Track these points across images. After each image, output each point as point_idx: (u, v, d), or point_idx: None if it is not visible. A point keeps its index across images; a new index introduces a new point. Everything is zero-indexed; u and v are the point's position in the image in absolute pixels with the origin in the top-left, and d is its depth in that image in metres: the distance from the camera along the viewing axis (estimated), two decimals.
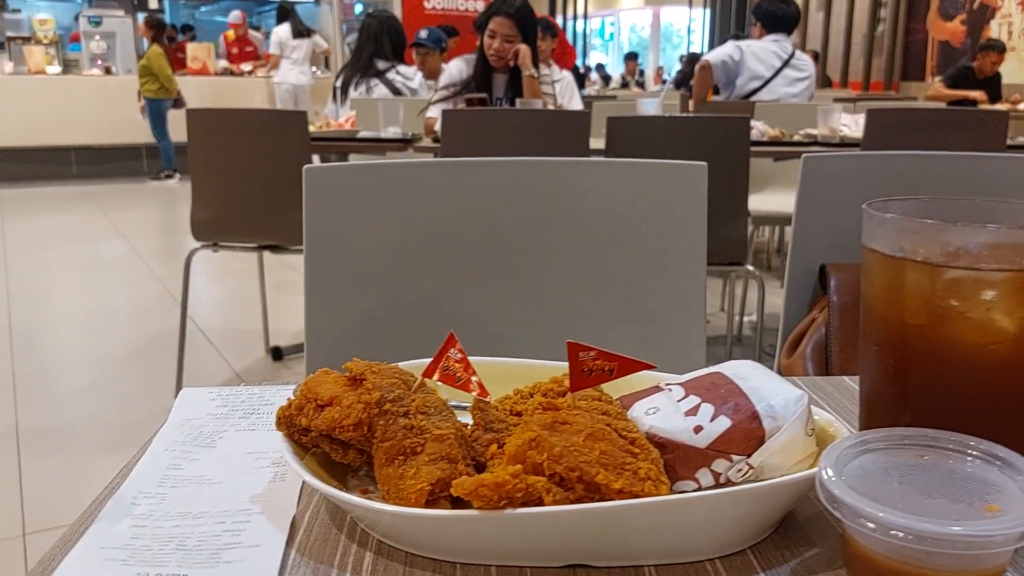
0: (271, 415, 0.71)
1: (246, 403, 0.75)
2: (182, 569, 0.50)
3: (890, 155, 1.41)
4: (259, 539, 0.54)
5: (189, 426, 0.71)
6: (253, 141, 2.90)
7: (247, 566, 0.51)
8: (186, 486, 0.61)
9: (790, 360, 1.35)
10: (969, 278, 0.50)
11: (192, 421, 0.71)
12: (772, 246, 5.38)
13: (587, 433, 0.53)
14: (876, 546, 0.46)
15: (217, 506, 0.58)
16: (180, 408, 0.74)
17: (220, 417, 0.72)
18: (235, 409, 0.74)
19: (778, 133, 3.41)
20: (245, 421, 0.72)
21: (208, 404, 0.74)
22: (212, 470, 0.63)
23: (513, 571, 0.52)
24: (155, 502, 0.59)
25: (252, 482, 0.62)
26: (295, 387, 0.76)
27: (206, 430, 0.70)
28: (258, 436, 0.69)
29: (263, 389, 0.77)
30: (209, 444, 0.68)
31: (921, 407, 0.53)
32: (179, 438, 0.68)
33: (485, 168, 1.17)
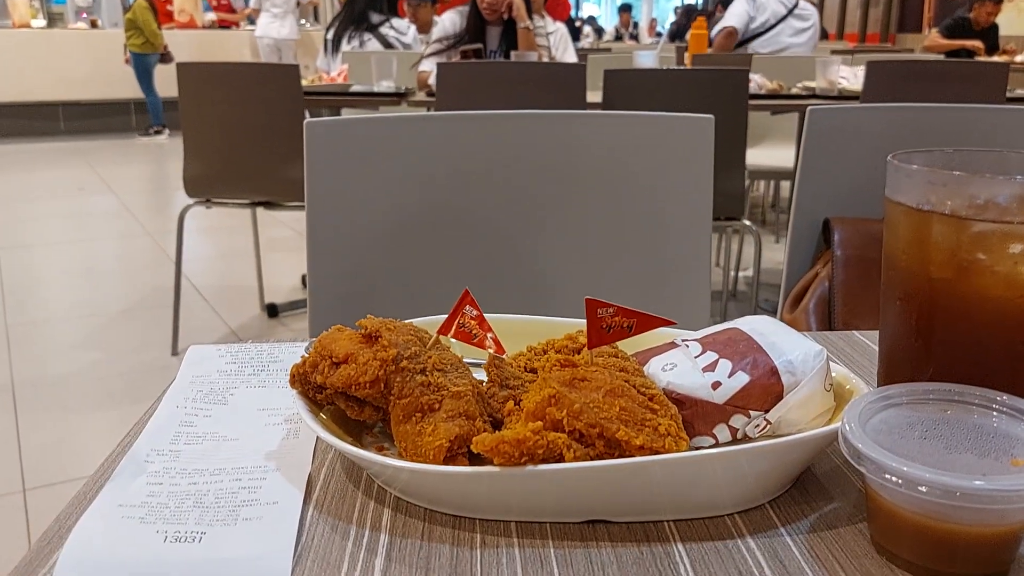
0: (281, 372, 0.71)
1: (255, 360, 0.74)
2: (201, 527, 0.50)
3: (896, 107, 1.39)
4: (277, 496, 0.54)
5: (200, 383, 0.70)
6: (245, 95, 2.86)
7: (266, 523, 0.51)
8: (200, 443, 0.61)
9: (793, 315, 1.35)
10: (997, 231, 0.49)
11: (202, 378, 0.71)
12: (767, 200, 5.36)
13: (606, 390, 0.53)
14: (901, 501, 0.46)
15: (233, 463, 0.58)
16: (189, 365, 0.73)
17: (230, 374, 0.71)
18: (245, 366, 0.73)
19: (776, 86, 3.37)
20: (255, 378, 0.71)
21: (218, 361, 0.74)
22: (226, 427, 0.63)
23: (533, 527, 0.51)
24: (169, 459, 0.58)
25: (266, 439, 0.61)
26: (306, 344, 0.76)
27: (217, 386, 0.69)
28: (269, 393, 0.68)
29: (272, 346, 0.76)
30: (221, 401, 0.67)
31: (944, 362, 0.52)
32: (190, 395, 0.68)
33: (490, 121, 1.15)
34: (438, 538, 0.50)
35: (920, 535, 0.46)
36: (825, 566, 0.48)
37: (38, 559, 0.48)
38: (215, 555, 0.48)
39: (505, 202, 1.17)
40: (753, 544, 0.50)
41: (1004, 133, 1.37)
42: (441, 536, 0.50)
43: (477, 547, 0.49)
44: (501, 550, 0.49)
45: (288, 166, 2.87)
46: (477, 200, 1.17)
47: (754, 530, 0.51)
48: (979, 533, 0.45)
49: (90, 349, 3.11)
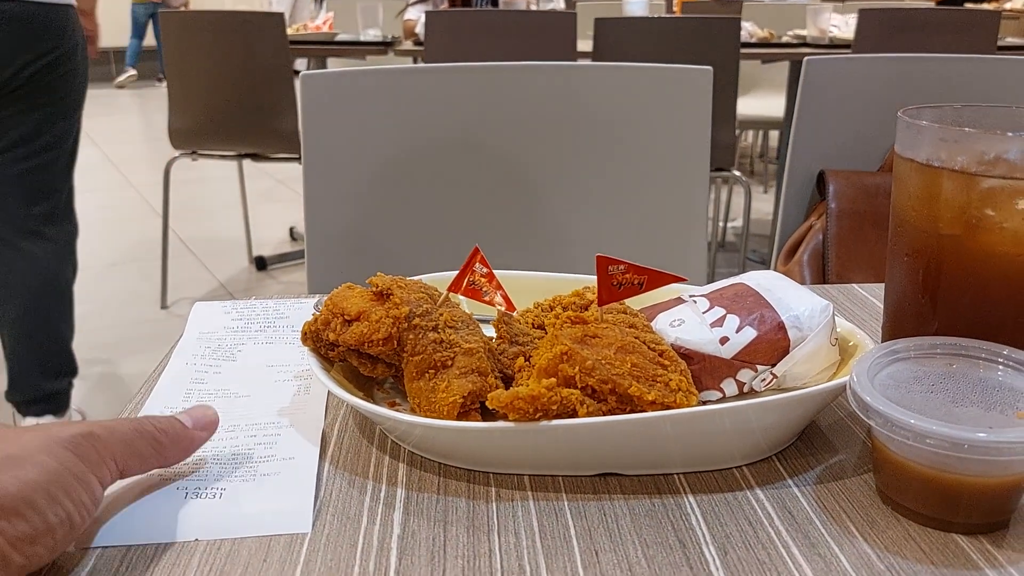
0: (288, 328, 0.71)
1: (261, 316, 0.74)
2: (221, 483, 0.51)
3: (892, 58, 1.39)
4: (293, 451, 0.54)
5: (207, 339, 0.70)
6: (229, 45, 2.81)
7: (285, 478, 0.51)
8: (212, 400, 0.61)
9: (786, 267, 1.36)
10: (1007, 187, 0.49)
11: (209, 334, 0.71)
12: (755, 151, 5.35)
13: (617, 346, 0.53)
14: (907, 453, 0.47)
15: (247, 419, 0.58)
16: (195, 321, 0.73)
17: (237, 330, 0.72)
18: (251, 322, 0.73)
19: (767, 34, 3.35)
20: (262, 334, 0.71)
21: (223, 317, 0.74)
22: (236, 383, 0.63)
23: (546, 480, 0.52)
24: None
25: (278, 395, 0.62)
26: (315, 301, 0.76)
27: (225, 343, 0.69)
28: (277, 349, 0.69)
29: (277, 303, 0.76)
30: (229, 357, 0.67)
31: (950, 317, 0.53)
32: (198, 351, 0.68)
33: (488, 73, 1.13)
34: (454, 492, 0.51)
35: (926, 486, 0.47)
36: (832, 516, 0.49)
37: None
38: (237, 510, 0.48)
39: (502, 155, 1.17)
40: (762, 495, 0.51)
41: (999, 84, 1.37)
42: (456, 490, 0.51)
43: (492, 500, 0.50)
44: (516, 503, 0.50)
45: (275, 117, 2.84)
46: (473, 153, 1.16)
47: (762, 482, 0.52)
48: (984, 484, 0.46)
49: (79, 303, 3.09)
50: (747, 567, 0.44)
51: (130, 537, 0.46)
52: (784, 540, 0.47)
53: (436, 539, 0.47)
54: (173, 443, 0.49)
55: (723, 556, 0.45)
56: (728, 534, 0.47)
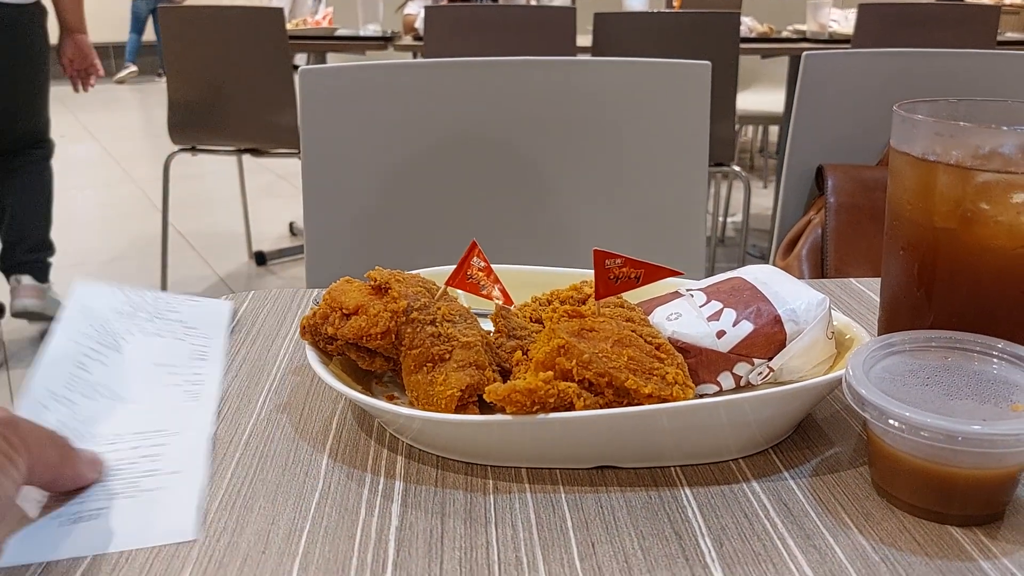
0: (179, 324, 0.70)
1: (151, 306, 0.70)
2: (100, 501, 0.48)
3: (891, 53, 1.39)
4: (178, 464, 0.52)
5: (93, 316, 0.65)
6: (228, 40, 2.81)
7: (169, 493, 0.49)
8: (96, 399, 0.58)
9: (785, 262, 1.37)
10: (1001, 181, 0.50)
11: (95, 311, 0.66)
12: (755, 145, 5.35)
13: (614, 339, 0.54)
14: (902, 445, 0.47)
15: (130, 427, 0.56)
16: (80, 297, 0.67)
17: (125, 315, 0.67)
18: (139, 309, 0.69)
19: (766, 29, 3.34)
20: (151, 325, 0.67)
21: (111, 300, 0.69)
22: (121, 383, 0.60)
23: (543, 473, 0.53)
24: (67, 409, 0.56)
25: (164, 401, 0.59)
26: (315, 295, 0.76)
27: (110, 326, 0.65)
28: (166, 345, 0.66)
29: (169, 297, 0.73)
30: (115, 346, 0.63)
31: (945, 310, 0.53)
32: (84, 330, 0.63)
33: (487, 68, 1.14)
34: (451, 484, 0.52)
35: (920, 478, 0.47)
36: (828, 508, 0.49)
37: None
38: (115, 526, 0.46)
39: (501, 150, 1.17)
40: (758, 488, 0.51)
41: (998, 78, 1.38)
42: (454, 482, 0.52)
43: (490, 492, 0.51)
44: (513, 495, 0.50)
45: (274, 112, 2.84)
46: (472, 148, 1.16)
47: (758, 474, 0.53)
48: (978, 476, 0.46)
49: None
50: (743, 558, 0.45)
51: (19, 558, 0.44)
52: (780, 532, 0.47)
53: (434, 531, 0.47)
54: (72, 465, 0.48)
55: (719, 548, 0.46)
56: (724, 526, 0.48)
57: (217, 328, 0.71)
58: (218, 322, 0.72)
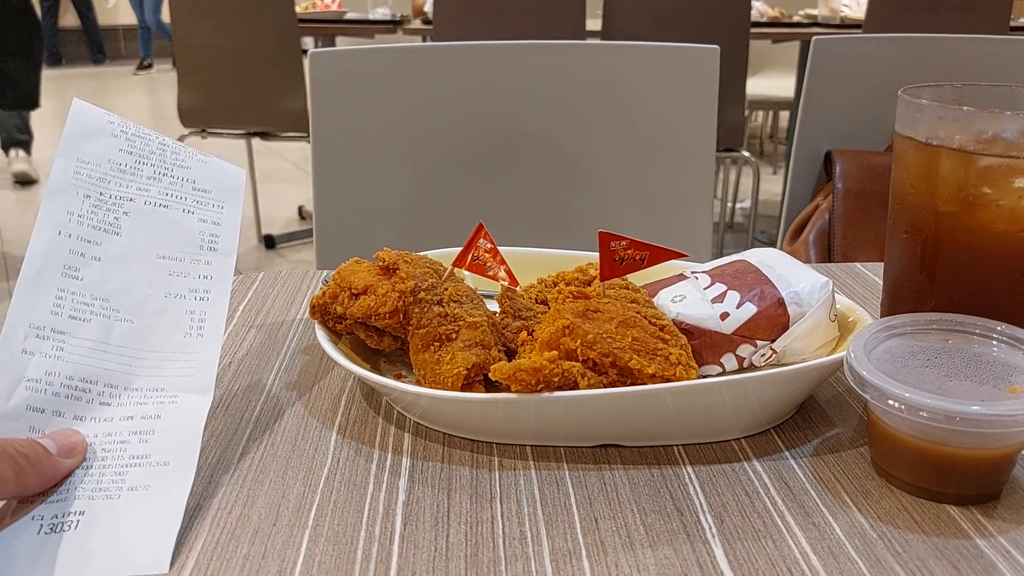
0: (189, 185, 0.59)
1: (158, 157, 0.58)
2: (81, 502, 0.45)
3: (901, 38, 1.38)
4: (168, 452, 0.48)
5: (88, 176, 0.55)
6: (238, 23, 2.81)
7: (153, 493, 0.46)
8: (88, 318, 0.51)
9: (792, 247, 1.37)
10: (1003, 166, 0.50)
11: (90, 166, 0.55)
12: (765, 131, 5.33)
13: (619, 320, 0.54)
14: (901, 425, 0.48)
15: (126, 378, 0.50)
16: (76, 136, 0.56)
17: (126, 171, 0.56)
18: (143, 161, 0.58)
19: (778, 14, 3.33)
20: (156, 186, 0.57)
21: (111, 142, 0.57)
22: (117, 287, 0.52)
23: (548, 450, 0.54)
24: (52, 350, 0.49)
25: (165, 336, 0.52)
26: (323, 275, 0.77)
27: (109, 190, 0.55)
28: (172, 222, 0.56)
29: (177, 146, 0.60)
30: (112, 226, 0.54)
31: (947, 294, 0.54)
32: (76, 205, 0.53)
33: (496, 51, 1.14)
34: (458, 461, 0.53)
35: (919, 458, 0.48)
36: (827, 487, 0.50)
37: None
38: (89, 548, 0.43)
39: (509, 133, 1.17)
40: (759, 467, 0.52)
41: (1010, 64, 1.37)
42: (460, 459, 0.53)
43: (495, 469, 0.52)
44: (518, 472, 0.51)
45: (283, 96, 2.85)
46: (480, 131, 1.17)
47: (760, 454, 0.53)
48: (975, 456, 0.47)
49: None
50: (743, 535, 0.46)
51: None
52: (779, 509, 0.48)
53: (440, 506, 0.48)
54: (34, 469, 0.44)
55: (719, 524, 0.47)
56: (725, 503, 0.49)
57: (231, 194, 0.60)
58: (233, 186, 0.61)
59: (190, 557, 0.44)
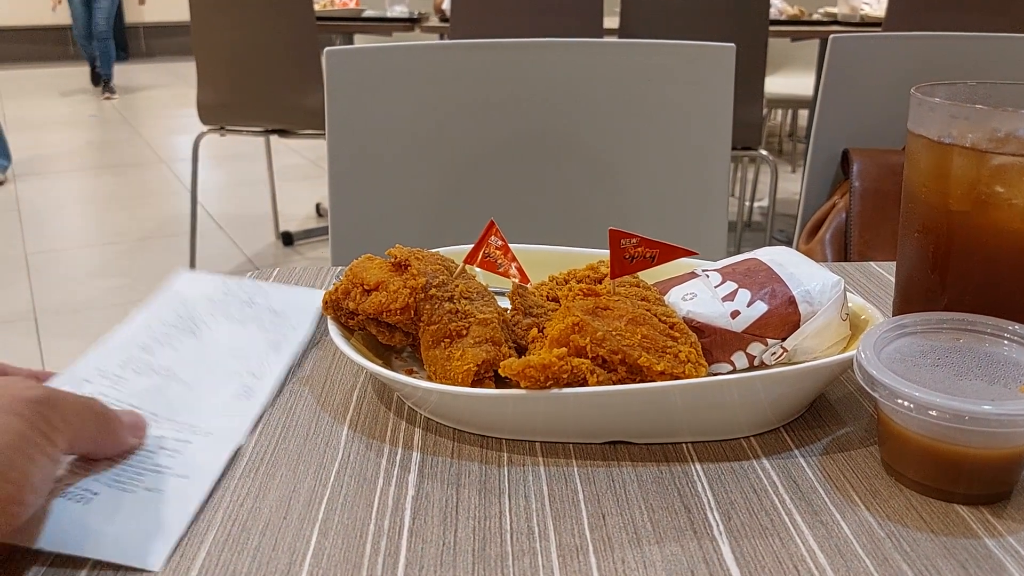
0: (267, 310, 0.68)
1: (245, 292, 0.69)
2: (98, 484, 0.46)
3: (920, 37, 1.37)
4: (191, 469, 0.50)
5: (183, 305, 0.65)
6: (256, 20, 2.83)
7: (164, 499, 0.47)
8: (149, 376, 0.56)
9: (809, 246, 1.36)
10: (1016, 164, 0.50)
11: (189, 302, 0.66)
12: (784, 129, 5.30)
13: (628, 318, 0.55)
14: (911, 425, 0.48)
15: (168, 413, 0.54)
16: (174, 285, 0.68)
17: (216, 303, 0.66)
18: (232, 296, 0.68)
19: (797, 12, 3.31)
20: (239, 312, 0.66)
21: (208, 288, 0.68)
22: (184, 365, 0.59)
23: (557, 447, 0.54)
24: (109, 384, 0.54)
25: (215, 393, 0.57)
26: (336, 271, 0.77)
27: (196, 312, 0.64)
28: (247, 333, 0.64)
29: (264, 284, 0.72)
30: (192, 331, 0.62)
31: (959, 293, 0.54)
32: (164, 315, 0.63)
33: (511, 49, 1.14)
34: (467, 456, 0.53)
35: (929, 457, 0.48)
36: (836, 485, 0.50)
37: None
38: (92, 524, 0.44)
39: (525, 131, 1.18)
40: (768, 465, 0.52)
41: None
42: (470, 455, 0.53)
43: (504, 465, 0.52)
44: (527, 468, 0.52)
45: (301, 93, 2.86)
46: (495, 129, 1.17)
47: (769, 452, 0.54)
48: (985, 456, 0.47)
49: (109, 277, 3.16)
50: (750, 532, 0.46)
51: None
52: (787, 507, 0.48)
53: (449, 501, 0.49)
54: (110, 435, 0.47)
55: (727, 521, 0.47)
56: (732, 500, 0.49)
57: (305, 315, 0.68)
58: (307, 308, 0.69)
59: (202, 548, 0.44)
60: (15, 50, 8.58)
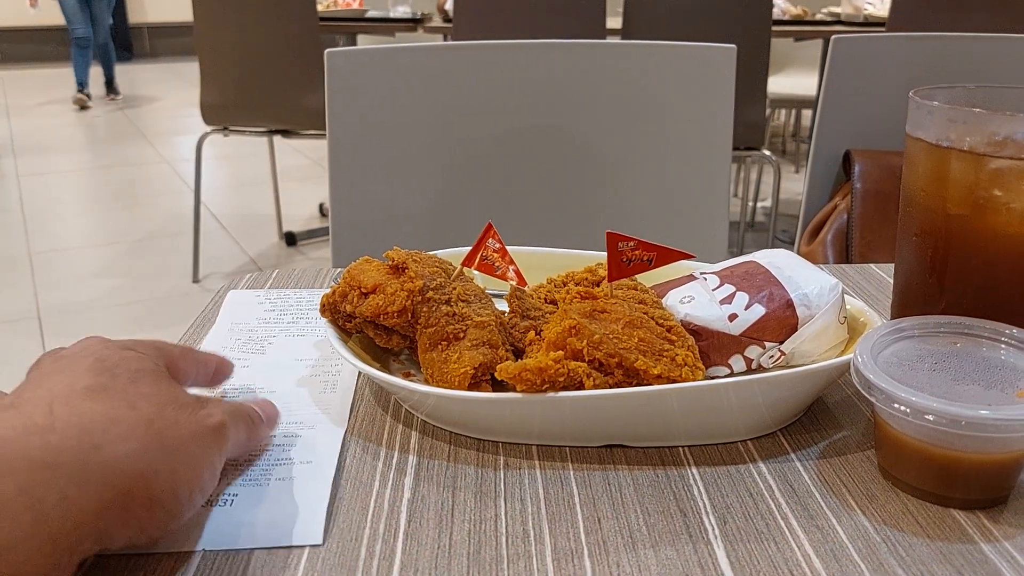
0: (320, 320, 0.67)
1: (295, 307, 0.74)
2: (233, 488, 0.49)
3: (922, 37, 1.37)
4: (310, 455, 0.53)
5: (238, 330, 0.70)
6: (259, 20, 2.83)
7: (299, 483, 0.50)
8: (236, 396, 0.60)
9: (810, 247, 1.36)
10: (1015, 168, 0.50)
11: (241, 325, 0.71)
12: (788, 130, 5.30)
13: (625, 321, 0.55)
14: (908, 429, 0.48)
15: None
16: (228, 310, 0.73)
17: (269, 322, 0.72)
18: (284, 312, 0.73)
19: (800, 11, 3.31)
20: (294, 326, 0.71)
21: (257, 308, 0.74)
22: (263, 378, 0.62)
23: (553, 450, 0.54)
24: None
25: (303, 392, 0.61)
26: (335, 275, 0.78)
27: (256, 334, 0.69)
28: (308, 342, 0.68)
29: (311, 293, 0.77)
30: (259, 350, 0.67)
31: (957, 297, 0.54)
32: (228, 343, 0.67)
33: (511, 51, 1.14)
34: (463, 459, 0.53)
35: (925, 462, 0.48)
36: (832, 489, 0.50)
37: None
38: (247, 519, 0.47)
39: (525, 132, 1.18)
40: (764, 468, 0.52)
41: None
42: (466, 458, 0.53)
43: (500, 468, 0.52)
44: (523, 471, 0.52)
45: (304, 94, 2.86)
46: (496, 131, 1.17)
47: (766, 456, 0.53)
48: (982, 460, 0.47)
49: (112, 276, 3.16)
50: (745, 536, 0.46)
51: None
52: (783, 511, 0.48)
53: (444, 503, 0.49)
54: (255, 433, 0.50)
55: (722, 525, 0.47)
56: (728, 505, 0.49)
57: None
58: None
59: (196, 553, 0.44)
60: (20, 50, 8.60)
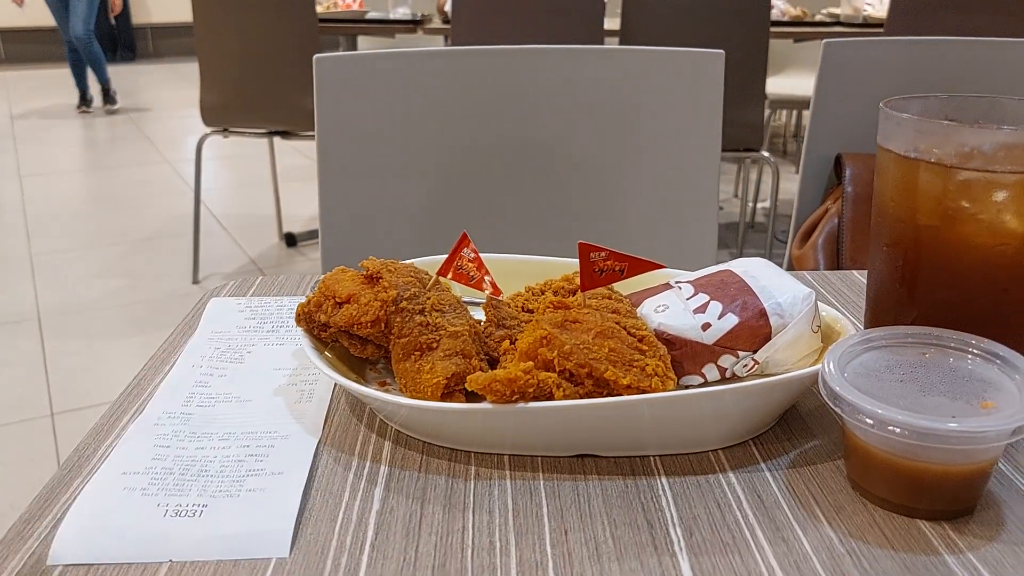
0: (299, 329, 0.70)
1: (275, 315, 0.74)
2: (203, 498, 0.49)
3: (915, 41, 1.37)
4: (282, 465, 0.53)
5: (218, 339, 0.70)
6: (259, 22, 2.83)
7: (269, 495, 0.50)
8: (212, 405, 0.60)
9: (802, 251, 1.36)
10: (982, 179, 0.50)
11: (221, 334, 0.71)
12: (788, 130, 5.29)
13: (596, 331, 0.55)
14: (874, 440, 0.48)
15: (243, 427, 0.57)
16: (209, 319, 0.73)
17: (249, 330, 0.71)
18: (264, 321, 0.73)
19: (799, 12, 3.30)
20: (274, 335, 0.71)
21: (237, 316, 0.74)
22: (240, 387, 0.63)
23: (525, 460, 0.54)
24: (180, 422, 0.58)
25: (279, 401, 0.61)
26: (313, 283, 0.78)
27: (235, 343, 0.69)
28: (287, 351, 0.68)
29: (292, 300, 0.77)
30: (237, 359, 0.67)
31: (927, 307, 0.54)
32: (207, 352, 0.68)
33: (498, 56, 1.14)
34: (435, 470, 0.53)
35: (892, 473, 0.48)
36: (800, 500, 0.50)
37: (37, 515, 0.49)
38: (215, 531, 0.47)
39: (516, 138, 1.18)
40: (734, 479, 0.52)
41: None
42: (438, 468, 0.53)
43: (471, 479, 0.52)
44: (494, 482, 0.52)
45: (304, 95, 2.87)
46: (487, 136, 1.17)
47: (736, 465, 0.54)
48: (948, 472, 0.47)
49: (113, 277, 3.17)
50: (710, 548, 0.46)
51: (96, 555, 0.45)
52: (750, 523, 0.48)
53: (412, 516, 0.49)
54: None
55: (688, 537, 0.47)
56: (696, 516, 0.49)
57: None
58: None
59: (162, 564, 0.45)
60: (22, 51, 8.62)
